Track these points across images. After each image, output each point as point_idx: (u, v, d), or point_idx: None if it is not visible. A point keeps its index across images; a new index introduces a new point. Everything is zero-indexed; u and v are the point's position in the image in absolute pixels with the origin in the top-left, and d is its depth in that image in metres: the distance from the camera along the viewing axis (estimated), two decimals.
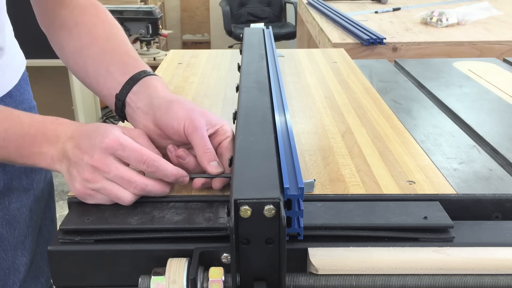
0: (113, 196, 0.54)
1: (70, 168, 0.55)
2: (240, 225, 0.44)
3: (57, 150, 0.56)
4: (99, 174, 0.54)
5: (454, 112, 0.85)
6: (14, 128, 0.57)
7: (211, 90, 0.96)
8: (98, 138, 0.54)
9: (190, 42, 5.13)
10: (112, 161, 0.54)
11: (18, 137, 0.56)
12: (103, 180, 0.54)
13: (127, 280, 0.50)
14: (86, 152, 0.54)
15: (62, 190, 2.46)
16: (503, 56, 1.41)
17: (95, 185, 0.54)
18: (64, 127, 0.57)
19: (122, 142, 0.54)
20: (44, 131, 0.57)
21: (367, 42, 1.50)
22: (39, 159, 0.57)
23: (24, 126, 0.57)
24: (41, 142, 0.56)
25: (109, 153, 0.54)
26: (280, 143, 0.55)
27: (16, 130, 0.57)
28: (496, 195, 0.57)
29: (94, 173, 0.54)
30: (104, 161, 0.53)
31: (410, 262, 0.47)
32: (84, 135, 0.55)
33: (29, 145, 0.56)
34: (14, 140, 0.56)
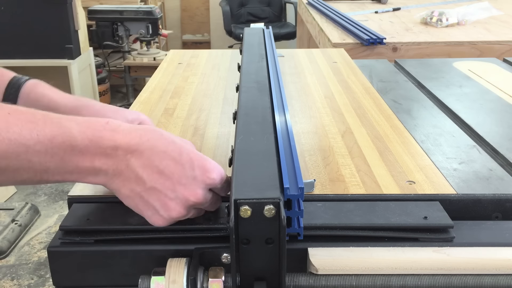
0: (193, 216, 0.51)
1: (145, 194, 0.47)
2: (240, 225, 0.44)
3: (115, 164, 0.46)
4: (193, 207, 0.49)
5: (454, 112, 0.85)
6: (61, 137, 0.44)
7: (211, 90, 0.96)
8: (199, 171, 0.47)
9: (190, 42, 5.13)
10: (208, 192, 0.49)
11: (66, 148, 0.44)
12: (193, 210, 0.50)
13: (127, 280, 0.50)
14: (181, 184, 0.46)
15: (62, 190, 2.46)
16: (503, 56, 1.41)
17: (185, 217, 0.49)
18: (122, 136, 0.47)
19: (223, 177, 0.49)
20: (98, 142, 0.45)
21: (367, 42, 1.50)
22: (88, 175, 0.46)
23: (74, 134, 0.45)
24: (94, 155, 0.46)
25: (210, 187, 0.49)
26: (280, 143, 0.55)
27: (64, 139, 0.44)
28: (496, 195, 0.57)
29: (189, 208, 0.48)
30: (205, 195, 0.48)
31: (410, 262, 0.47)
32: (159, 154, 0.47)
33: (77, 159, 0.45)
34: (60, 153, 0.44)
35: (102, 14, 3.21)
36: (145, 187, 0.46)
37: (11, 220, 1.54)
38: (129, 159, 0.46)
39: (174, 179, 0.46)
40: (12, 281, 1.82)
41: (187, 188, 0.47)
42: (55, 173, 0.45)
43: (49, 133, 0.43)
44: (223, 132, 0.75)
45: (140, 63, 3.31)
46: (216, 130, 0.76)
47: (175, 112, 0.84)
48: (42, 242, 2.06)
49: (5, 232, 1.48)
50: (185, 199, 0.47)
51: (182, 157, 0.47)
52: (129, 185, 0.47)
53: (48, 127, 0.44)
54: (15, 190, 2.40)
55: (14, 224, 1.53)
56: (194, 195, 0.47)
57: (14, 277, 1.84)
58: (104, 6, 3.31)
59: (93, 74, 3.07)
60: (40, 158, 0.43)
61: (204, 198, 0.48)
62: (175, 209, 0.47)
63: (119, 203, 0.54)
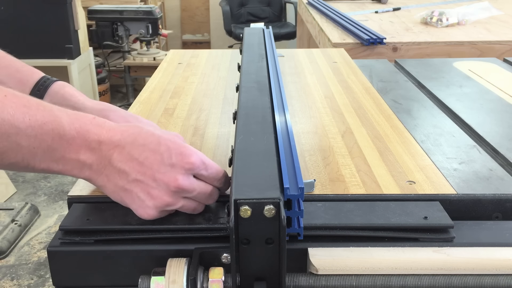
0: (190, 211, 0.52)
1: (129, 187, 0.49)
2: (240, 225, 0.44)
3: (98, 158, 0.48)
4: (180, 195, 0.49)
5: (454, 112, 0.85)
6: (50, 125, 0.46)
7: (211, 90, 0.96)
8: (176, 157, 0.49)
9: (190, 42, 5.13)
10: (194, 180, 0.50)
11: (54, 136, 0.46)
12: (182, 200, 0.50)
13: (127, 280, 0.50)
14: (161, 172, 0.48)
15: (62, 190, 2.46)
16: (503, 56, 1.41)
17: (174, 207, 0.50)
18: (106, 131, 0.49)
19: (204, 161, 0.50)
20: (85, 134, 0.48)
21: (367, 42, 1.50)
22: (72, 167, 0.48)
23: (63, 124, 0.47)
24: (80, 147, 0.48)
25: (191, 173, 0.50)
26: (280, 143, 0.55)
27: (53, 126, 0.46)
28: (496, 195, 0.57)
29: (174, 195, 0.49)
30: (189, 182, 0.49)
31: (410, 262, 0.47)
32: (139, 147, 0.49)
33: (64, 149, 0.47)
34: (48, 140, 0.46)
35: (102, 14, 3.21)
36: (128, 179, 0.48)
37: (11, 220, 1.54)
38: (111, 155, 0.48)
39: (154, 169, 0.48)
40: (12, 281, 1.82)
41: (166, 175, 0.48)
42: (42, 160, 0.47)
43: (40, 119, 0.45)
44: (223, 132, 0.75)
45: (140, 63, 3.31)
46: (216, 130, 0.76)
47: (175, 112, 0.84)
48: (42, 242, 2.06)
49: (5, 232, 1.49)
50: (166, 185, 0.48)
51: (160, 147, 0.49)
52: (113, 180, 0.49)
53: (40, 113, 0.46)
54: (15, 190, 2.40)
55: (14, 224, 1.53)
56: (174, 180, 0.48)
57: (14, 277, 1.84)
58: (104, 6, 3.31)
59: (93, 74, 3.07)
60: (29, 142, 0.45)
61: (188, 184, 0.49)
62: (158, 197, 0.48)
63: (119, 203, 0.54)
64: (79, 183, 0.59)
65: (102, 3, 3.44)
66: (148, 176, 0.48)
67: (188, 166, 0.49)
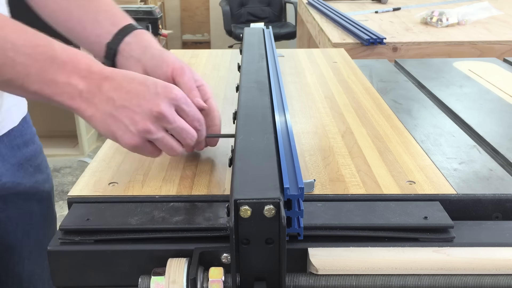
0: (168, 147, 0.55)
1: (116, 113, 0.52)
2: (240, 225, 0.44)
3: (88, 86, 0.51)
4: (160, 124, 0.53)
5: (454, 112, 0.85)
6: (43, 48, 0.50)
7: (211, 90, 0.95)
8: (161, 88, 0.53)
9: (190, 42, 5.13)
10: (175, 113, 0.53)
11: (47, 58, 0.50)
12: (162, 131, 0.53)
13: (127, 280, 0.50)
14: (146, 99, 0.51)
15: (62, 190, 2.46)
16: (503, 56, 1.41)
17: (154, 136, 0.53)
18: (98, 65, 0.53)
19: (186, 97, 0.54)
20: (76, 62, 0.51)
21: (367, 42, 1.50)
22: (62, 91, 0.51)
23: (56, 49, 0.51)
24: (71, 72, 0.51)
25: (173, 104, 0.53)
26: (280, 143, 0.55)
27: (46, 50, 0.50)
28: (496, 195, 0.57)
29: (155, 123, 0.52)
30: (170, 110, 0.52)
31: (410, 262, 0.47)
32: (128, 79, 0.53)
33: (56, 71, 0.50)
34: (41, 60, 0.49)
35: None
36: (115, 105, 0.52)
37: None
38: (101, 84, 0.52)
39: (140, 96, 0.52)
40: None
41: (149, 102, 0.52)
42: (35, 80, 0.50)
43: (35, 42, 0.50)
44: (223, 132, 0.75)
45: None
46: None
47: None
48: None
49: None
50: (149, 111, 0.52)
51: (148, 80, 0.53)
52: (101, 107, 0.52)
53: (36, 38, 0.50)
54: None
55: None
56: (156, 105, 0.52)
57: None
58: None
59: None
60: (23, 60, 0.49)
61: (168, 111, 0.52)
62: (141, 122, 0.52)
63: (119, 203, 0.55)
64: (79, 183, 0.59)
65: None
66: (133, 102, 0.52)
67: (171, 96, 0.53)
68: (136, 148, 0.54)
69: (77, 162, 2.75)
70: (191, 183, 0.59)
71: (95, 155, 0.67)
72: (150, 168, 0.63)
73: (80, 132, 2.78)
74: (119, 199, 0.56)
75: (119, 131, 0.53)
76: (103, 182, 0.59)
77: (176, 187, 0.58)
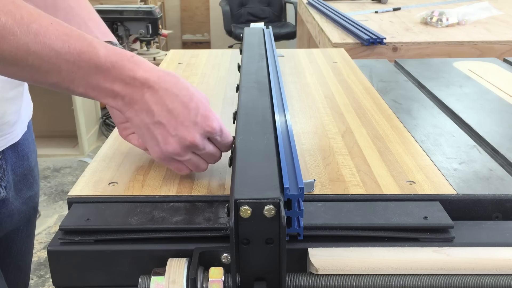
0: (194, 167, 0.57)
1: (152, 126, 0.53)
2: (240, 225, 0.44)
3: (131, 93, 0.53)
4: (190, 150, 0.55)
5: (454, 112, 0.85)
6: (88, 54, 0.50)
7: (211, 90, 0.96)
8: (201, 118, 0.54)
9: (190, 42, 5.13)
10: (207, 142, 0.56)
11: (91, 65, 0.50)
12: (191, 154, 0.56)
13: (127, 280, 0.50)
14: (184, 126, 0.53)
15: (62, 190, 2.46)
16: (503, 56, 1.41)
17: (182, 158, 0.55)
18: (143, 71, 0.53)
19: (222, 128, 0.56)
20: (119, 68, 0.52)
21: (367, 42, 1.50)
22: (106, 95, 0.53)
23: (100, 56, 0.51)
24: (114, 79, 0.52)
25: (208, 135, 0.55)
26: (280, 143, 0.55)
27: (91, 56, 0.50)
28: (496, 195, 0.57)
29: (186, 149, 0.54)
30: (202, 141, 0.55)
31: (410, 262, 0.47)
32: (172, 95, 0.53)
33: (99, 78, 0.51)
34: (86, 67, 0.50)
35: (102, 14, 3.19)
36: (153, 120, 0.53)
37: None
38: (145, 93, 0.52)
39: (179, 120, 0.53)
40: None
41: (187, 129, 0.53)
42: (80, 85, 0.51)
43: (79, 48, 0.50)
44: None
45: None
46: None
47: None
48: (42, 242, 2.06)
49: None
50: (183, 138, 0.53)
51: (191, 103, 0.54)
52: (141, 115, 0.53)
53: (80, 43, 0.50)
54: None
55: None
56: (192, 136, 0.53)
57: None
58: (104, 6, 3.31)
59: None
60: (67, 67, 0.50)
61: (201, 143, 0.54)
62: (172, 145, 0.54)
63: (119, 203, 0.55)
64: (79, 183, 0.59)
65: (102, 3, 3.44)
66: (171, 123, 0.53)
67: (208, 129, 0.54)
68: (163, 162, 0.57)
69: (77, 162, 2.75)
70: (191, 183, 0.59)
71: (95, 155, 0.67)
72: (150, 168, 0.63)
73: (80, 132, 2.78)
74: (119, 199, 0.56)
75: (150, 142, 0.55)
76: (103, 182, 0.59)
77: (176, 187, 0.58)
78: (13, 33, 0.47)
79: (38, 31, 0.48)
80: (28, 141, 0.80)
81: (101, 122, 3.16)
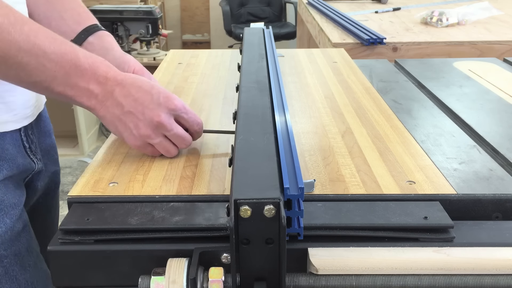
0: (165, 151, 0.63)
1: (123, 117, 0.60)
2: (240, 225, 0.44)
3: (104, 91, 0.59)
4: (159, 131, 0.61)
5: (454, 112, 0.85)
6: (70, 55, 0.57)
7: (211, 90, 0.96)
8: (163, 99, 0.60)
9: (190, 42, 5.13)
10: (173, 121, 0.62)
11: (72, 65, 0.57)
12: (161, 136, 0.62)
13: (127, 280, 0.50)
14: (149, 108, 0.60)
15: (62, 190, 2.45)
16: (503, 56, 1.41)
17: (153, 140, 0.61)
18: (113, 71, 0.60)
19: (185, 106, 0.63)
20: (95, 69, 0.59)
21: (367, 42, 1.50)
22: (82, 94, 0.59)
23: (80, 57, 0.58)
24: (90, 78, 0.59)
25: (172, 114, 0.61)
26: (280, 143, 0.55)
27: (72, 57, 0.57)
28: (496, 195, 0.57)
29: (155, 130, 0.61)
30: (169, 120, 0.61)
31: (410, 262, 0.47)
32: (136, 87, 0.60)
33: (78, 77, 0.58)
34: (67, 67, 0.57)
35: (102, 14, 3.20)
36: (123, 111, 0.60)
37: None
38: (114, 89, 0.60)
39: (144, 105, 0.60)
40: None
41: (152, 111, 0.60)
42: (59, 83, 0.57)
43: (63, 50, 0.57)
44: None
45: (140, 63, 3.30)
46: None
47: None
48: None
49: None
50: (150, 119, 0.60)
51: (153, 90, 0.61)
52: (112, 110, 0.60)
53: (63, 46, 0.57)
54: None
55: None
56: (157, 115, 0.60)
57: None
58: (104, 6, 3.31)
59: None
60: (51, 66, 0.56)
61: (167, 121, 0.61)
62: (142, 128, 0.60)
63: (119, 203, 0.55)
64: (79, 183, 0.59)
65: (102, 3, 3.44)
66: (138, 110, 0.60)
67: (171, 107, 0.61)
68: (139, 148, 0.63)
69: (77, 162, 2.75)
70: (191, 183, 0.59)
71: (95, 155, 0.67)
72: (150, 168, 0.63)
73: (80, 132, 2.78)
74: (119, 199, 0.56)
75: (124, 132, 0.62)
76: (103, 182, 0.59)
77: (176, 187, 0.58)
78: (8, 32, 0.53)
79: (29, 32, 0.54)
80: (47, 118, 0.85)
81: (101, 122, 3.16)
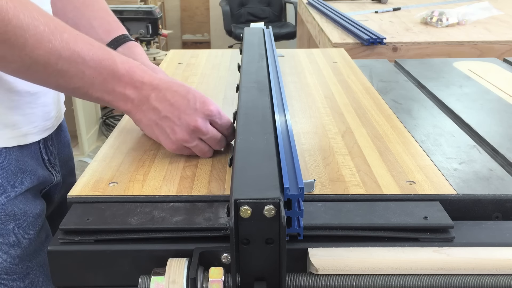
0: (201, 153, 0.64)
1: (160, 121, 0.61)
2: (240, 225, 0.44)
3: (140, 96, 0.61)
4: (195, 135, 0.62)
5: (454, 112, 0.85)
6: (108, 61, 0.58)
7: (211, 90, 0.96)
8: (199, 104, 0.61)
9: (190, 42, 5.13)
10: (209, 125, 0.63)
11: (109, 71, 0.58)
12: (197, 140, 0.63)
13: (127, 280, 0.50)
14: (186, 113, 0.61)
15: None
16: (503, 56, 1.41)
17: (189, 144, 0.62)
18: (149, 76, 0.62)
19: (220, 112, 0.64)
20: (132, 74, 0.60)
21: (367, 42, 1.50)
22: (119, 99, 0.60)
23: (117, 63, 0.59)
24: (127, 84, 0.60)
25: (208, 118, 0.62)
26: (280, 143, 0.55)
27: (109, 63, 0.58)
28: (496, 195, 0.57)
29: (192, 134, 0.61)
30: (205, 125, 0.62)
31: (410, 262, 0.47)
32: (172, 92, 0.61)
33: (115, 83, 0.59)
34: (105, 73, 0.58)
35: None
36: (160, 115, 0.61)
37: None
38: (150, 94, 0.61)
39: (181, 110, 0.61)
40: None
41: (189, 116, 0.61)
42: (97, 89, 0.59)
43: (101, 56, 0.58)
44: None
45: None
46: None
47: None
48: None
49: None
50: (187, 124, 0.61)
51: (188, 95, 0.62)
52: (148, 115, 0.62)
53: (101, 52, 0.58)
54: None
55: None
56: (194, 121, 0.61)
57: None
58: None
59: None
60: (90, 72, 0.57)
61: (203, 126, 0.61)
62: (179, 133, 0.61)
63: (119, 203, 0.55)
64: (79, 183, 0.59)
65: None
66: (175, 115, 0.61)
67: (207, 112, 0.62)
68: (175, 151, 0.64)
69: (77, 162, 2.74)
70: (191, 183, 0.59)
71: (95, 155, 0.67)
72: (150, 168, 0.63)
73: (80, 132, 2.78)
74: (119, 199, 0.56)
75: (161, 136, 0.63)
76: (103, 182, 0.59)
77: (176, 187, 0.58)
78: (49, 40, 0.54)
79: (69, 39, 0.55)
80: (66, 128, 0.85)
81: (101, 122, 3.16)
